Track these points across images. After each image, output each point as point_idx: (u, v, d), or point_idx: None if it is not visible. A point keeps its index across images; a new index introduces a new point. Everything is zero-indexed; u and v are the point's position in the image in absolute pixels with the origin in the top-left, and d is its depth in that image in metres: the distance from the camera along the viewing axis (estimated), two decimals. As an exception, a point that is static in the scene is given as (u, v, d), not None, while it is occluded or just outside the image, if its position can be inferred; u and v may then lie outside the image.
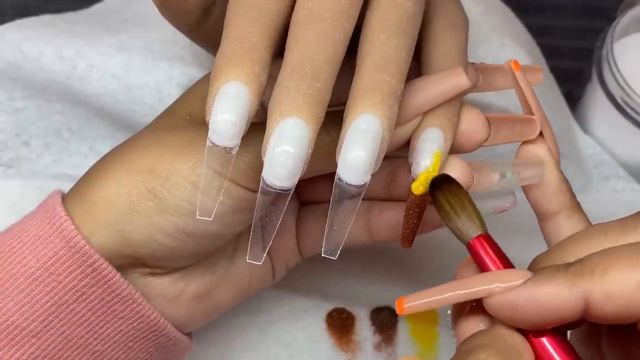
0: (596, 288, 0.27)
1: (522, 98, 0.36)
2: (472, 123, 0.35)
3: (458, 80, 0.34)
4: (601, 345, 0.32)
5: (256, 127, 0.31)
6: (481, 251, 0.31)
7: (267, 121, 0.30)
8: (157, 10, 0.36)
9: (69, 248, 0.34)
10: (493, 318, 0.30)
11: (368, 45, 0.32)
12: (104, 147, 0.51)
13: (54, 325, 0.35)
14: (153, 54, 0.49)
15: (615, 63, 0.49)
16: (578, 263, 0.28)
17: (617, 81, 0.49)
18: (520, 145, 0.36)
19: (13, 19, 0.51)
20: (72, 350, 0.36)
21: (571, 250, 0.30)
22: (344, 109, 0.31)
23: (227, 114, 0.29)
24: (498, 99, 0.50)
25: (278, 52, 0.32)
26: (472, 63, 0.37)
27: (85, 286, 0.35)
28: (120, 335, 0.36)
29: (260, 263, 0.31)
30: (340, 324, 0.47)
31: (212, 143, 0.30)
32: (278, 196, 0.30)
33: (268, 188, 0.29)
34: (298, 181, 0.30)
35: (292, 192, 0.30)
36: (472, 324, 0.31)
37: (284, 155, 0.29)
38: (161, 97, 0.49)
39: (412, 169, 0.33)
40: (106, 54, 0.49)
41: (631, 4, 0.52)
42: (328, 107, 0.30)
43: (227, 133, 0.29)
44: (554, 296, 0.28)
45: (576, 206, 0.35)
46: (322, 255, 0.31)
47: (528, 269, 0.31)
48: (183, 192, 0.34)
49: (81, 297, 0.35)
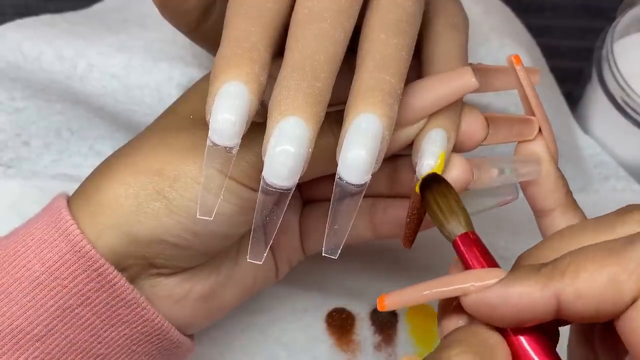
0: (567, 288, 0.28)
1: (523, 95, 0.36)
2: (472, 124, 0.35)
3: (466, 80, 0.34)
4: (595, 344, 0.32)
5: (260, 128, 0.31)
6: (464, 249, 0.31)
7: (267, 121, 0.30)
8: (157, 10, 0.36)
9: (75, 252, 0.34)
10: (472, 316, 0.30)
11: (368, 44, 0.32)
12: (104, 147, 0.51)
13: (59, 329, 0.35)
14: (153, 54, 0.49)
15: (615, 63, 0.49)
16: (550, 264, 0.29)
17: (617, 81, 0.49)
18: (518, 142, 0.36)
19: (13, 19, 0.51)
20: (76, 354, 0.36)
21: (552, 248, 0.30)
22: (344, 109, 0.31)
23: (227, 114, 0.29)
24: (498, 100, 0.50)
25: (278, 52, 0.32)
26: (470, 63, 0.37)
27: (90, 290, 0.35)
28: (124, 339, 0.36)
29: (261, 262, 0.31)
30: (340, 324, 0.47)
31: (213, 143, 0.30)
32: (279, 195, 0.30)
33: (268, 187, 0.29)
34: (301, 180, 0.30)
35: (295, 191, 0.30)
36: (453, 321, 0.31)
37: (284, 154, 0.29)
38: (161, 98, 0.49)
39: (417, 170, 0.33)
40: (106, 54, 0.49)
41: (631, 4, 0.52)
42: (328, 107, 0.30)
43: (227, 132, 0.29)
44: (526, 296, 0.28)
45: (572, 203, 0.35)
46: (323, 254, 0.31)
47: (512, 266, 0.31)
48: (191, 193, 0.34)
49: (86, 302, 0.35)
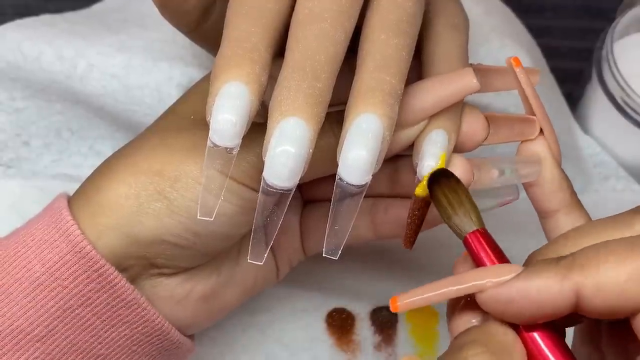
0: (587, 281, 0.27)
1: (524, 96, 0.36)
2: (473, 124, 0.35)
3: (467, 82, 0.33)
4: (601, 344, 0.32)
5: (261, 128, 0.31)
6: (476, 246, 0.31)
7: (268, 121, 0.30)
8: (157, 10, 0.36)
9: (75, 253, 0.34)
10: (486, 313, 0.30)
11: (368, 44, 0.32)
12: (104, 147, 0.51)
13: (59, 329, 0.35)
14: (153, 54, 0.49)
15: (615, 63, 0.49)
16: (570, 257, 0.28)
17: (617, 81, 0.49)
18: (520, 142, 0.36)
19: (13, 19, 0.51)
20: (77, 354, 0.36)
21: (565, 245, 0.30)
22: (345, 109, 0.31)
23: (228, 114, 0.29)
24: (498, 100, 0.50)
25: (279, 52, 0.32)
26: (471, 64, 0.37)
27: (90, 291, 0.35)
28: (124, 339, 0.36)
29: (261, 263, 0.31)
30: (340, 324, 0.47)
31: (213, 143, 0.30)
32: (279, 196, 0.30)
33: (269, 188, 0.29)
34: (301, 181, 0.30)
35: (295, 191, 0.30)
36: (465, 320, 0.31)
37: (285, 155, 0.29)
38: (161, 98, 0.49)
39: (418, 171, 0.33)
40: (106, 54, 0.49)
41: (631, 4, 0.52)
42: (329, 107, 0.30)
43: (228, 133, 0.29)
44: (545, 289, 0.28)
45: (576, 204, 0.35)
46: (324, 255, 0.31)
47: (524, 263, 0.31)
48: (193, 193, 0.34)
49: (86, 302, 0.35)
